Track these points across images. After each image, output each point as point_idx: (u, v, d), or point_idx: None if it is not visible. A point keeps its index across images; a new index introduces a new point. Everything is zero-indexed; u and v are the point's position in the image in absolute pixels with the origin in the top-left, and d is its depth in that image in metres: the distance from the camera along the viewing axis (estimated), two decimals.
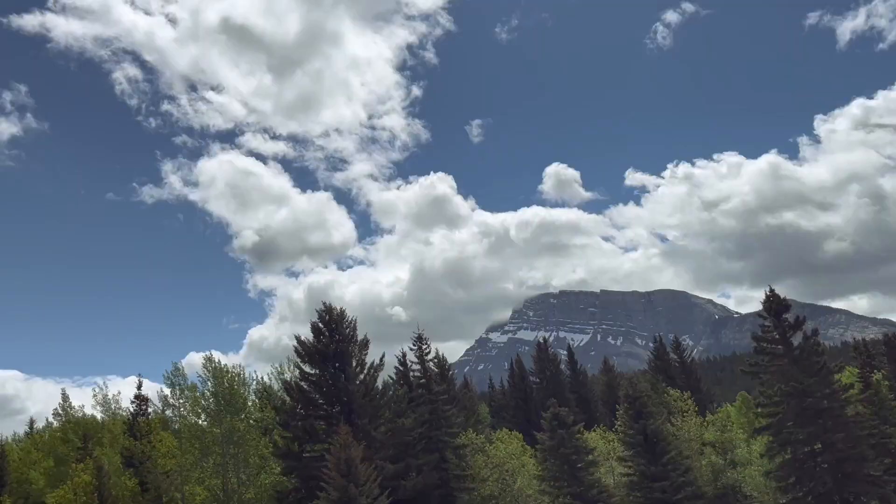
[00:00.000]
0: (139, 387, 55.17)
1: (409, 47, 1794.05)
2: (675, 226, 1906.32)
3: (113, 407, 58.88)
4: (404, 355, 54.74)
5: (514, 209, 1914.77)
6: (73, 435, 55.89)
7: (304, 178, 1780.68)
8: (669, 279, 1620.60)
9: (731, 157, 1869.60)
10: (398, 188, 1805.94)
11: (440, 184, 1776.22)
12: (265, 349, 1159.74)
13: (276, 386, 57.19)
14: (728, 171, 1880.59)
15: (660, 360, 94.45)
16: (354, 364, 47.32)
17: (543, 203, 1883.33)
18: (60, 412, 60.66)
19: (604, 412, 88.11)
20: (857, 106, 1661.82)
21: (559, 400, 56.16)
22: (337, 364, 46.87)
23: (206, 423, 46.85)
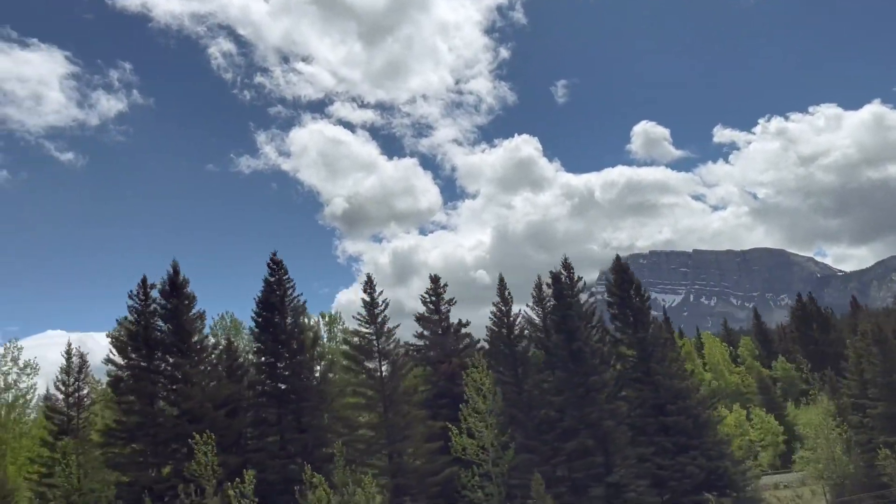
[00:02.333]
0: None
1: (499, 8, 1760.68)
2: (768, 183, 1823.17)
3: None
4: None
5: (599, 170, 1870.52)
6: None
7: (390, 145, 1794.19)
8: (760, 238, 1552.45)
9: (828, 110, 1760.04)
10: (483, 152, 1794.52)
11: (525, 146, 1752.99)
12: (352, 312, 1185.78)
13: None
14: (826, 125, 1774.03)
15: None
16: None
17: (631, 163, 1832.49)
18: None
19: None
20: None
21: None
22: None
23: None
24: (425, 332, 56.77)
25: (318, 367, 50.58)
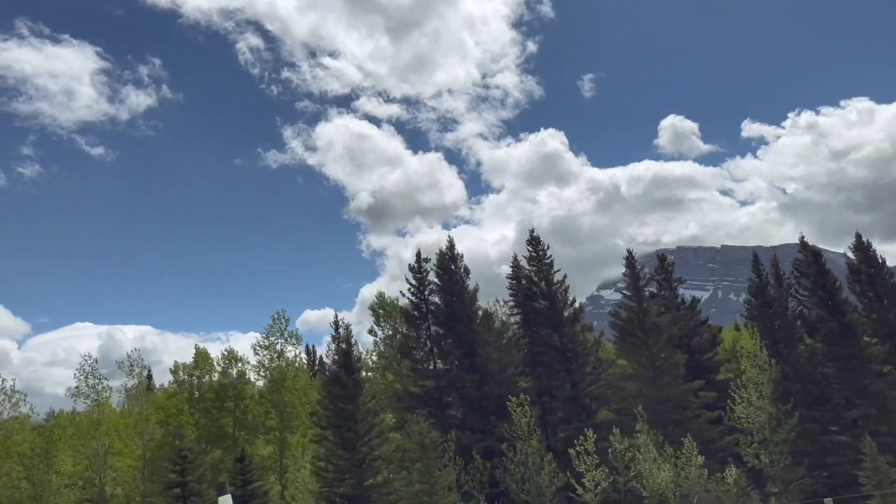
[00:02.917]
0: None
1: (527, 2, 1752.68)
2: (798, 178, 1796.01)
3: None
4: None
5: (625, 164, 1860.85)
6: None
7: (415, 140, 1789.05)
8: (790, 233, 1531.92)
9: (860, 103, 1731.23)
10: (508, 146, 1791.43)
11: (551, 140, 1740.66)
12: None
13: None
14: (858, 118, 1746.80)
15: None
16: None
17: (658, 157, 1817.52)
18: None
19: None
20: None
21: None
22: None
23: None
24: (661, 310, 58.49)
25: (589, 337, 52.49)
